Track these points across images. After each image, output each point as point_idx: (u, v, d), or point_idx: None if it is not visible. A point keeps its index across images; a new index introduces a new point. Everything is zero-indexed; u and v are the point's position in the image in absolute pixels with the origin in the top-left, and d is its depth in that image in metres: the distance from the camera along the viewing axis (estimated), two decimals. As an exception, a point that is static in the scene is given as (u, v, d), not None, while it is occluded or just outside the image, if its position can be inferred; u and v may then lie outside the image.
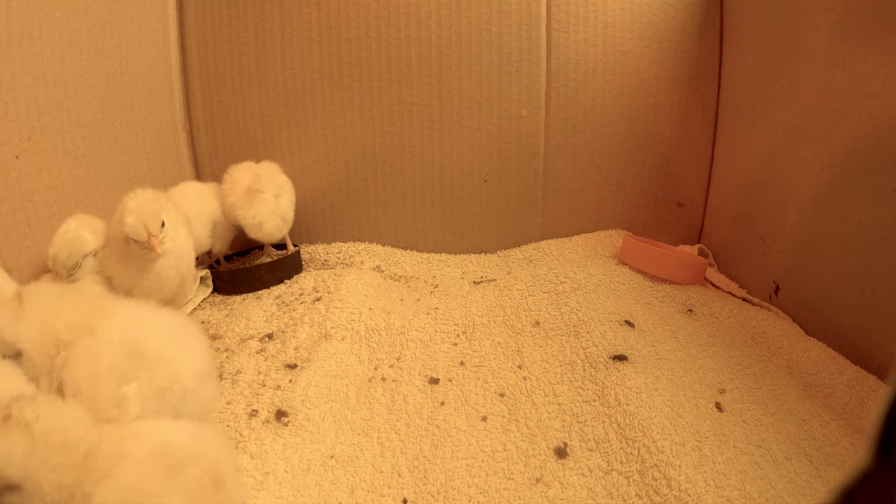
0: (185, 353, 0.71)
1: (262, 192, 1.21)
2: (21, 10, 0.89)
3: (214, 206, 1.24)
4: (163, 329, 0.71)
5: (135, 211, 0.89)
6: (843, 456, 0.75)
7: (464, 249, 1.48)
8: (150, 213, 0.90)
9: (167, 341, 0.69)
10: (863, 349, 0.92)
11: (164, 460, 0.54)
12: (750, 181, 1.26)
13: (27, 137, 0.91)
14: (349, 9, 1.34)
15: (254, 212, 1.20)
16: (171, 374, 0.66)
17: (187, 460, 0.55)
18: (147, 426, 0.58)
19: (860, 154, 0.94)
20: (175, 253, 0.97)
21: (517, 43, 1.35)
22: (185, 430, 0.60)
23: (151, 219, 0.90)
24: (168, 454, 0.54)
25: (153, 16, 1.26)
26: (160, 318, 0.73)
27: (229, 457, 0.62)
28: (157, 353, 0.67)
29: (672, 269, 1.20)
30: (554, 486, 0.71)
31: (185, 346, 0.71)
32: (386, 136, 1.40)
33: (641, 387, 0.84)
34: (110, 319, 0.67)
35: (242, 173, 1.25)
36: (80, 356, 0.61)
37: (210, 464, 0.57)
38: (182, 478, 0.53)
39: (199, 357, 0.72)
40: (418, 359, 0.99)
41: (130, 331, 0.67)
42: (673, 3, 1.35)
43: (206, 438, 0.61)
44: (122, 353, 0.63)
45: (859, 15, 0.93)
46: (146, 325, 0.70)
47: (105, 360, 0.61)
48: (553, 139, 1.41)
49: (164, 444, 0.56)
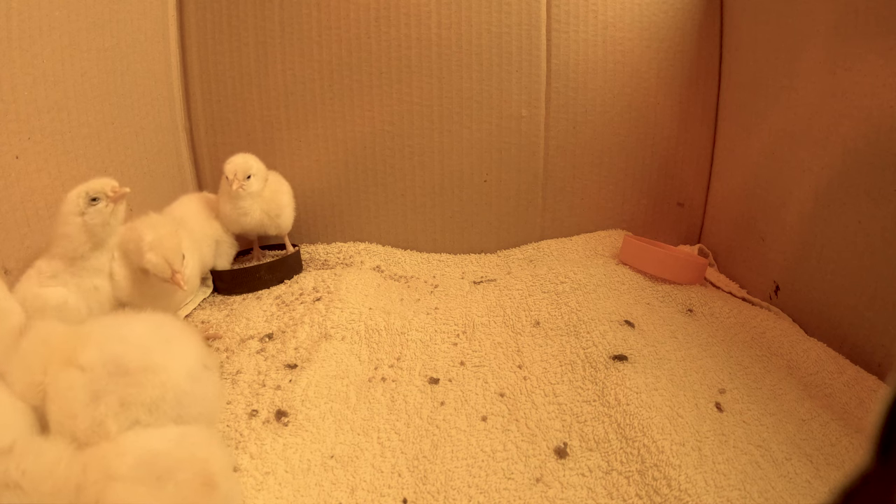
0: (171, 355, 0.67)
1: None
2: (21, 10, 0.89)
3: (216, 224, 1.25)
4: (143, 338, 0.67)
5: (155, 247, 0.87)
6: (843, 456, 0.75)
7: (464, 249, 1.48)
8: (173, 250, 0.89)
9: (149, 350, 0.66)
10: (863, 349, 0.92)
11: (152, 471, 0.53)
12: (750, 181, 1.26)
13: (27, 137, 0.91)
14: (349, 9, 1.34)
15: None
16: (160, 382, 0.63)
17: (174, 467, 0.54)
18: (128, 439, 0.56)
19: (860, 154, 0.94)
20: (190, 282, 0.96)
21: (517, 43, 1.35)
22: (169, 436, 0.58)
23: (174, 256, 0.88)
24: (154, 464, 0.54)
25: (153, 16, 1.26)
26: (138, 326, 0.69)
27: (219, 456, 0.60)
28: (142, 365, 0.63)
29: (672, 269, 1.20)
30: (554, 486, 0.71)
31: (169, 348, 0.67)
32: (386, 136, 1.40)
33: (641, 387, 0.84)
34: (88, 345, 0.64)
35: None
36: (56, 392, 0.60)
37: (198, 466, 0.56)
38: (172, 486, 0.53)
39: (188, 355, 0.68)
40: (418, 359, 0.99)
41: (110, 350, 0.64)
42: (673, 3, 1.35)
43: (192, 441, 0.59)
44: (104, 374, 0.60)
45: (859, 15, 0.93)
46: (125, 338, 0.66)
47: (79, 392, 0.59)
48: (553, 139, 1.41)
49: (149, 454, 0.55)
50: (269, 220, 1.28)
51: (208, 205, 1.27)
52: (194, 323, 1.11)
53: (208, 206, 1.26)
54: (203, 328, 1.08)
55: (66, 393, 0.60)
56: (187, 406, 0.64)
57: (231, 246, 1.29)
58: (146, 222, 0.92)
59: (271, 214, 1.28)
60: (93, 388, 0.59)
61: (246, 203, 1.23)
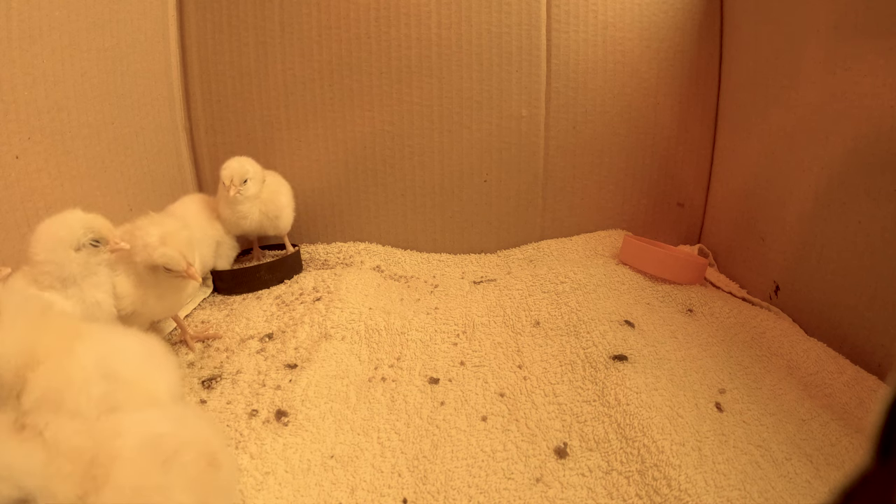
0: (159, 375, 0.69)
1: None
2: (21, 10, 0.89)
3: (217, 225, 1.25)
4: (136, 352, 0.69)
5: (168, 240, 0.87)
6: (843, 456, 0.75)
7: (464, 249, 1.48)
8: (185, 243, 0.89)
9: (141, 364, 0.68)
10: (863, 349, 0.92)
11: (158, 453, 0.53)
12: (750, 181, 1.26)
13: (27, 137, 0.91)
14: (349, 9, 1.34)
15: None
16: (147, 396, 0.65)
17: (180, 449, 0.54)
18: (130, 421, 0.57)
19: (860, 154, 0.94)
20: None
21: (517, 43, 1.35)
22: (170, 417, 0.60)
23: (187, 248, 0.88)
24: (160, 446, 0.54)
25: (153, 16, 1.26)
26: (131, 341, 0.71)
27: (217, 434, 0.62)
28: (133, 377, 0.65)
29: (672, 269, 1.20)
30: (554, 486, 0.71)
31: (157, 367, 0.70)
32: (386, 136, 1.40)
33: (641, 387, 0.84)
34: (87, 341, 0.65)
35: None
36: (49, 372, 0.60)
37: (202, 446, 0.56)
38: (179, 467, 0.53)
39: (172, 378, 0.71)
40: (418, 359, 0.99)
41: (106, 353, 0.65)
42: (673, 3, 1.35)
43: (192, 421, 0.60)
44: (99, 376, 0.62)
45: (859, 15, 0.93)
46: (120, 347, 0.68)
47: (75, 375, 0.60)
48: (553, 139, 1.41)
49: (153, 436, 0.55)
50: (268, 222, 1.28)
51: (208, 205, 1.26)
52: (194, 323, 1.11)
53: (208, 206, 1.26)
54: (202, 328, 1.08)
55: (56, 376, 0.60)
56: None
57: (231, 248, 1.29)
58: (147, 221, 0.91)
59: (270, 216, 1.28)
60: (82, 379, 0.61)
61: (244, 207, 1.23)
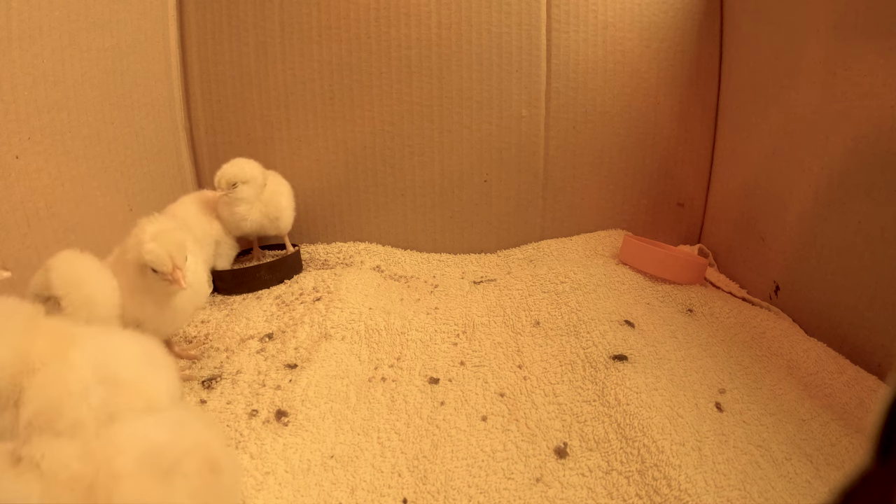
0: (158, 376, 0.68)
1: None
2: (21, 10, 0.89)
3: (217, 225, 1.24)
4: (134, 354, 0.68)
5: (157, 237, 0.82)
6: (843, 456, 0.75)
7: (464, 249, 1.48)
8: (175, 243, 0.83)
9: (139, 366, 0.67)
10: (863, 349, 0.92)
11: (158, 465, 0.52)
12: (750, 181, 1.26)
13: (27, 137, 0.91)
14: (349, 9, 1.34)
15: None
16: (147, 399, 0.64)
17: (181, 458, 0.53)
18: (128, 433, 0.55)
19: (860, 154, 0.94)
20: (194, 287, 0.90)
21: (517, 43, 1.35)
22: (168, 423, 0.58)
23: (176, 249, 0.83)
24: (160, 458, 0.53)
25: (153, 16, 1.26)
26: (129, 343, 0.70)
27: (217, 437, 0.60)
28: (131, 379, 0.64)
29: (672, 269, 1.20)
30: (554, 486, 0.71)
31: (156, 368, 0.69)
32: (386, 136, 1.40)
33: (641, 387, 0.84)
34: (83, 347, 0.63)
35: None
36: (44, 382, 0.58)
37: (203, 452, 0.55)
38: (181, 478, 0.52)
39: (171, 380, 0.70)
40: (418, 359, 0.99)
41: (102, 358, 0.64)
42: (673, 3, 1.35)
43: (190, 426, 0.59)
44: (96, 380, 0.60)
45: (859, 15, 0.93)
46: (117, 350, 0.67)
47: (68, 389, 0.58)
48: (553, 139, 1.41)
49: (153, 447, 0.54)
50: (268, 223, 1.28)
51: (209, 204, 1.26)
52: (194, 323, 1.11)
53: (209, 205, 1.26)
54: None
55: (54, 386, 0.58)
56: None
57: (231, 247, 1.29)
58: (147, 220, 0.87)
59: (270, 217, 1.28)
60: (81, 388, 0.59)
61: (242, 208, 1.22)
